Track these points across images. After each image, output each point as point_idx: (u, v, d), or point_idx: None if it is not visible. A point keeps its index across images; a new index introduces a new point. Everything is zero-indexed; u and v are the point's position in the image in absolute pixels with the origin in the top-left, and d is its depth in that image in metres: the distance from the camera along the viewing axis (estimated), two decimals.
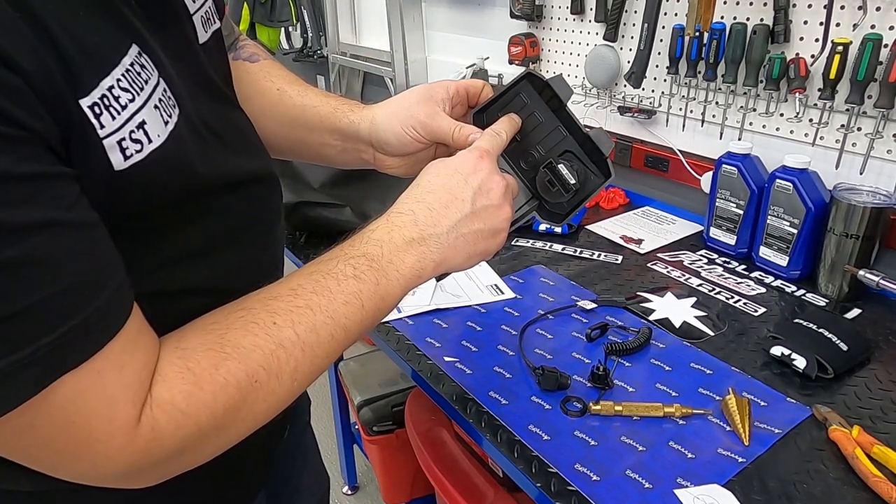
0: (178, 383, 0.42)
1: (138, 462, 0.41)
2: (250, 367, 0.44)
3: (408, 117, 0.66)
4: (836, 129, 1.09)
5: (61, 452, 0.39)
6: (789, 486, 0.68)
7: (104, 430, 0.39)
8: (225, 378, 0.43)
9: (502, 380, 0.86)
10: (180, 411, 0.42)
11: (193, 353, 0.44)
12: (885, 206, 1.00)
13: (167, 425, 0.41)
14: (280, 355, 0.45)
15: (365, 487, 1.88)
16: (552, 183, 0.64)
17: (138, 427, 0.40)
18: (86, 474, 0.42)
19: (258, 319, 0.46)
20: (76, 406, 0.38)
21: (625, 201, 1.47)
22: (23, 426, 0.37)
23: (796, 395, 0.82)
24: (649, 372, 0.87)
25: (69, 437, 0.39)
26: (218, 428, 0.44)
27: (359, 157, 0.72)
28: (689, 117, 1.33)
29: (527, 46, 1.61)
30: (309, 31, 2.64)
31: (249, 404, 0.45)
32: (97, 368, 0.38)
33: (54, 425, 0.38)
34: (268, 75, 0.75)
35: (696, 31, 1.20)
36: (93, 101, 0.37)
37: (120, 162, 0.40)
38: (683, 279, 1.12)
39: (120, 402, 0.39)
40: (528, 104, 0.66)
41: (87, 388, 0.38)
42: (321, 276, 0.49)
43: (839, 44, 1.01)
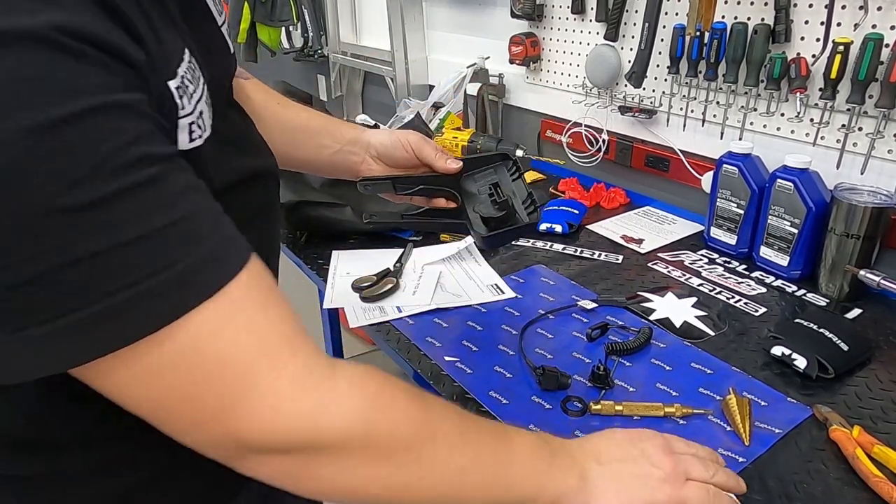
0: (372, 377, 0.44)
1: (301, 425, 0.40)
2: (435, 425, 0.46)
3: (402, 136, 0.82)
4: (837, 128, 1.09)
5: (208, 397, 0.38)
6: (789, 486, 0.68)
7: (263, 369, 0.39)
8: (418, 407, 0.46)
9: (503, 379, 0.86)
10: (363, 399, 0.43)
11: (393, 378, 0.46)
12: (885, 206, 1.00)
13: (344, 399, 0.42)
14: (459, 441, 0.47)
15: None
16: (494, 202, 0.82)
17: (308, 378, 0.40)
18: (230, 433, 0.40)
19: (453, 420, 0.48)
20: (224, 340, 0.38)
21: (625, 201, 1.47)
22: (167, 364, 0.37)
23: (797, 395, 0.82)
24: (650, 372, 0.87)
25: (220, 377, 0.38)
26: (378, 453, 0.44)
27: (348, 160, 0.83)
28: (690, 117, 1.33)
29: (527, 46, 1.60)
30: (310, 30, 2.64)
31: (415, 457, 0.45)
32: (238, 304, 0.39)
33: (203, 362, 0.38)
34: (263, 91, 0.82)
35: (696, 31, 1.20)
36: (177, 84, 0.41)
37: (185, 142, 0.43)
38: (684, 279, 1.12)
39: (274, 340, 0.40)
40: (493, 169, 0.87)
41: (232, 320, 0.38)
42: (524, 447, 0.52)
43: (840, 43, 1.01)
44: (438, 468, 0.46)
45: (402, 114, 1.94)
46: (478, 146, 1.52)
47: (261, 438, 0.40)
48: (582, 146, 1.57)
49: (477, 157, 0.87)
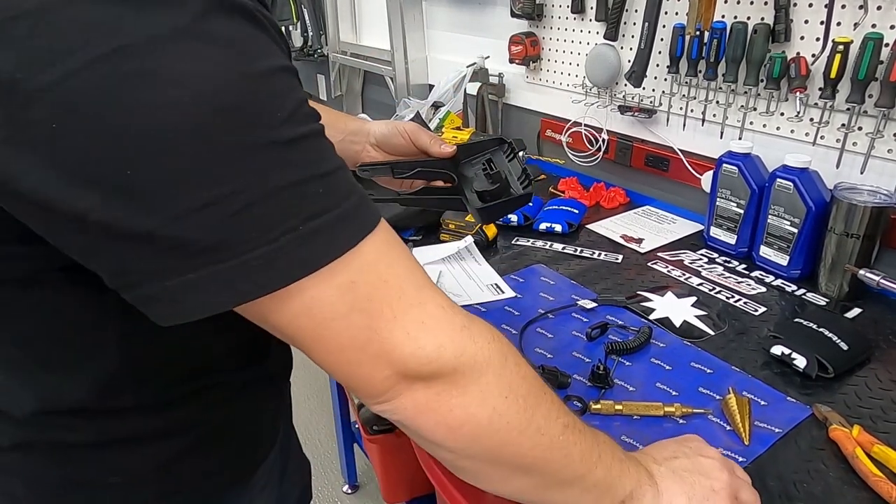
0: (494, 343, 0.47)
1: (446, 341, 0.44)
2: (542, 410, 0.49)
3: (399, 124, 0.86)
4: (837, 128, 1.09)
5: (375, 316, 0.42)
6: (789, 486, 0.68)
7: (416, 294, 0.44)
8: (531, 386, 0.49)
9: None
10: (492, 347, 0.47)
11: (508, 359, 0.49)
12: (885, 205, 1.00)
13: (481, 332, 0.46)
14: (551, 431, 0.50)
15: (365, 486, 1.89)
16: (488, 175, 0.84)
17: (452, 313, 0.45)
18: (386, 353, 0.43)
19: (552, 408, 0.51)
20: (384, 265, 0.43)
21: (625, 200, 1.47)
22: (347, 284, 0.41)
23: (796, 394, 0.82)
24: (649, 371, 0.87)
25: (385, 297, 0.42)
26: (504, 410, 0.47)
27: (350, 149, 0.88)
28: (690, 116, 1.33)
29: (527, 45, 1.60)
30: (309, 29, 2.64)
31: (516, 426, 0.48)
32: (389, 239, 0.44)
33: (371, 283, 0.42)
34: None
35: (696, 31, 1.20)
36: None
37: None
38: (684, 278, 1.12)
39: (420, 277, 0.45)
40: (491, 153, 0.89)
41: (385, 256, 0.43)
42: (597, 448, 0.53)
43: (840, 43, 1.01)
44: (548, 427, 0.49)
45: (402, 113, 1.94)
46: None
47: (414, 360, 0.43)
48: (582, 146, 1.57)
49: (474, 143, 0.89)
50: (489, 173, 0.84)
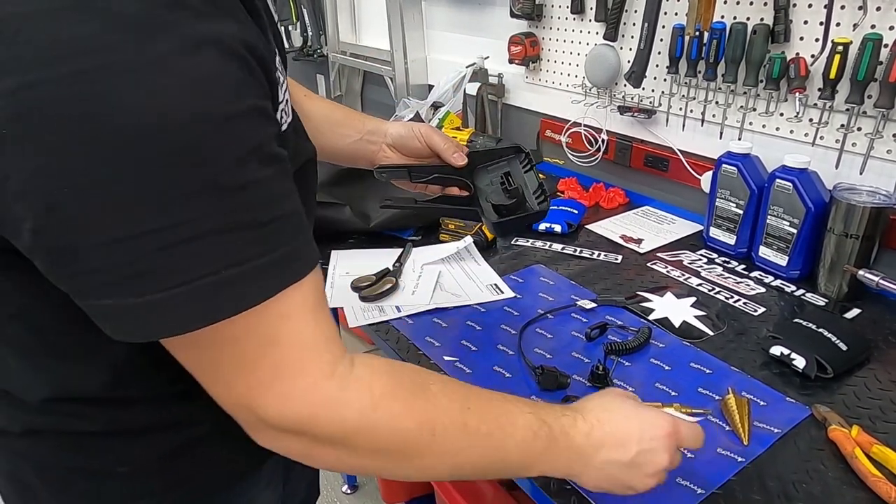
0: (380, 378, 0.48)
1: (310, 417, 0.45)
2: (436, 420, 0.50)
3: (416, 126, 0.87)
4: (836, 128, 1.09)
5: (252, 376, 0.43)
6: (788, 486, 0.68)
7: (295, 366, 0.44)
8: (417, 408, 0.49)
9: (502, 379, 0.86)
10: (371, 400, 0.46)
11: (399, 370, 0.50)
12: (884, 205, 1.00)
13: (354, 401, 0.46)
14: (460, 432, 0.51)
15: (364, 486, 1.89)
16: (505, 190, 0.84)
17: (330, 381, 0.45)
18: (259, 409, 0.44)
19: (457, 393, 0.52)
20: (278, 331, 0.43)
21: (624, 201, 1.47)
22: (231, 340, 0.42)
23: (796, 394, 0.82)
24: (649, 371, 0.87)
25: (264, 363, 0.43)
26: (383, 446, 0.48)
27: (367, 149, 0.88)
28: (689, 117, 1.33)
29: (527, 46, 1.60)
30: (309, 29, 2.64)
31: (413, 450, 0.49)
32: (300, 301, 0.44)
33: (257, 346, 0.43)
34: (292, 84, 0.88)
35: (696, 31, 1.20)
36: (277, 74, 0.46)
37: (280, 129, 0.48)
38: (683, 279, 1.12)
39: (313, 344, 0.45)
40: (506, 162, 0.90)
41: (290, 316, 0.43)
42: (513, 409, 0.55)
43: (839, 43, 1.01)
44: (436, 458, 0.50)
45: (402, 113, 1.94)
46: (477, 146, 1.52)
47: (275, 418, 0.45)
48: (581, 146, 1.57)
49: (490, 150, 0.90)
50: (507, 188, 0.84)
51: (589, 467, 0.58)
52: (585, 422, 0.58)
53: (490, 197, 0.85)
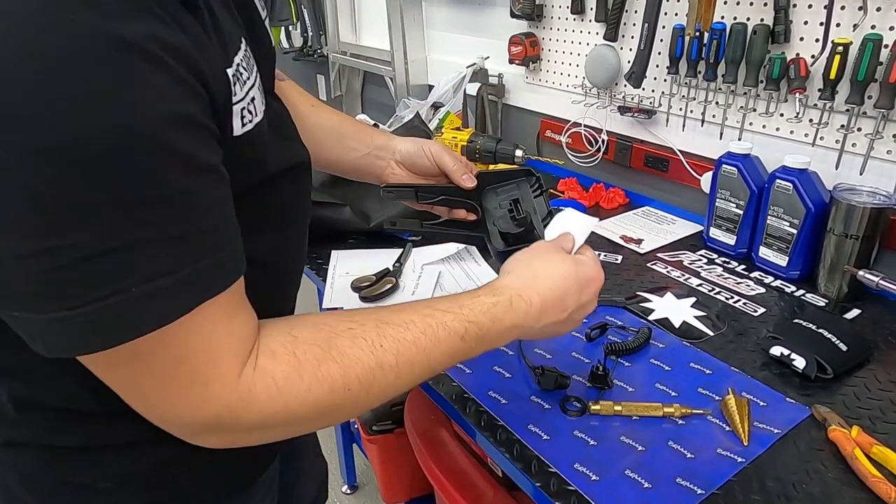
0: (282, 363, 0.47)
1: (224, 417, 0.45)
2: (348, 376, 0.49)
3: (426, 145, 0.85)
4: (836, 129, 1.09)
5: (166, 389, 0.43)
6: (788, 487, 0.68)
7: (206, 374, 0.43)
8: (323, 375, 0.48)
9: (502, 379, 0.86)
10: (277, 387, 0.46)
11: (302, 343, 0.48)
12: (884, 206, 1.00)
13: (261, 394, 0.45)
14: (377, 374, 0.50)
15: (364, 487, 1.89)
16: (513, 218, 0.82)
17: (237, 383, 0.45)
18: (177, 417, 0.45)
19: (367, 336, 0.51)
20: (190, 345, 0.42)
21: (625, 201, 1.47)
22: (143, 355, 0.41)
23: (795, 395, 0.82)
24: (649, 372, 0.87)
25: (177, 375, 0.43)
26: (300, 419, 0.48)
27: (374, 164, 0.86)
28: (689, 117, 1.33)
29: (527, 46, 1.61)
30: (309, 29, 2.64)
31: (334, 408, 0.49)
32: (212, 315, 0.43)
33: (169, 359, 0.42)
34: (298, 92, 0.85)
35: (696, 31, 1.20)
36: (233, 72, 0.44)
37: (238, 128, 0.46)
38: (683, 279, 1.12)
39: (224, 350, 0.44)
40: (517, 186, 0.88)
41: (201, 330, 0.42)
42: (434, 324, 0.55)
43: (839, 44, 1.01)
44: (363, 403, 0.51)
45: (402, 113, 1.94)
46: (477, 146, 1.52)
47: (194, 424, 0.46)
48: (581, 146, 1.57)
49: (500, 172, 0.89)
50: (515, 216, 0.82)
51: (530, 334, 0.63)
52: (523, 300, 0.61)
53: (497, 222, 0.84)
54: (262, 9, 0.59)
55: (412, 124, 1.63)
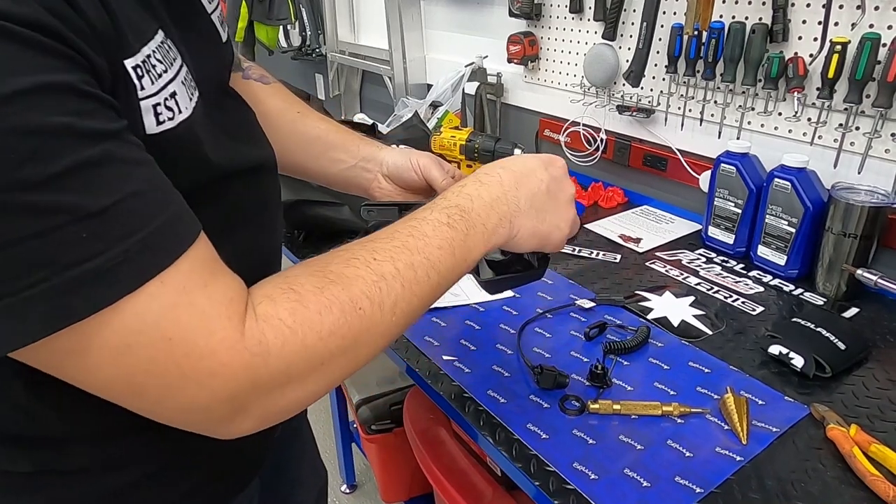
0: (283, 301, 0.44)
1: (245, 384, 0.41)
2: (353, 294, 0.46)
3: (415, 157, 0.79)
4: (835, 128, 1.09)
5: (165, 374, 0.39)
6: (787, 485, 0.68)
7: (204, 344, 0.40)
8: (329, 299, 0.45)
9: (501, 378, 0.86)
10: (287, 326, 0.43)
11: (296, 277, 0.46)
12: (883, 205, 1.00)
13: (274, 340, 0.42)
14: (382, 286, 0.47)
15: (363, 486, 1.89)
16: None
17: (243, 340, 0.41)
18: (194, 403, 0.41)
19: (359, 255, 0.48)
20: (168, 321, 0.39)
21: (623, 200, 1.47)
22: (121, 347, 0.38)
23: (794, 393, 0.82)
24: (647, 371, 0.87)
25: (170, 356, 0.39)
26: (324, 352, 0.44)
27: (361, 177, 0.82)
28: (688, 116, 1.33)
29: (525, 45, 1.60)
30: (307, 29, 2.64)
31: (354, 331, 0.46)
32: (181, 284, 0.39)
33: (152, 343, 0.38)
34: (284, 98, 0.81)
35: (694, 30, 1.20)
36: (136, 63, 0.41)
37: (152, 125, 0.42)
38: (682, 278, 1.12)
39: (213, 316, 0.40)
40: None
41: (176, 303, 0.39)
42: (417, 223, 0.53)
43: (837, 43, 1.02)
44: (383, 320, 0.48)
45: (401, 113, 1.94)
46: (476, 145, 1.52)
47: (219, 403, 0.42)
48: (580, 145, 1.57)
49: None
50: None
51: (520, 210, 0.58)
52: (489, 175, 0.59)
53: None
54: (207, 1, 0.56)
55: (411, 123, 1.63)
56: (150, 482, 0.54)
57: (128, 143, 0.39)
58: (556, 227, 0.61)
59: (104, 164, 0.36)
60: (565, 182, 0.63)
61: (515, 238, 0.59)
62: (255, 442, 0.64)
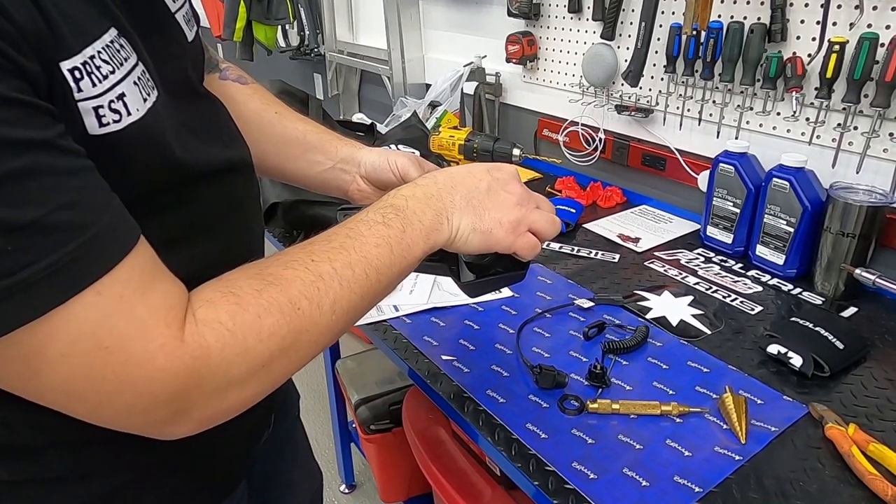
0: (223, 304, 0.44)
1: (185, 386, 0.41)
2: (292, 295, 0.46)
3: (393, 158, 0.77)
4: (833, 127, 1.10)
5: (103, 381, 0.39)
6: (785, 484, 0.68)
7: (142, 351, 0.40)
8: (268, 301, 0.45)
9: (500, 378, 0.86)
10: (227, 329, 0.43)
11: (235, 280, 0.46)
12: (881, 204, 1.00)
13: (215, 343, 0.42)
14: (320, 286, 0.47)
15: (362, 486, 1.89)
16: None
17: (183, 345, 0.41)
18: (133, 407, 0.41)
19: (297, 258, 0.48)
20: (105, 330, 0.38)
21: (622, 200, 1.47)
22: (57, 356, 0.38)
23: (793, 393, 0.82)
24: (646, 370, 0.87)
25: (107, 365, 0.39)
26: (265, 353, 0.45)
27: (339, 178, 0.80)
28: (687, 116, 1.33)
29: (524, 45, 1.60)
30: (306, 28, 2.64)
31: (294, 332, 0.46)
32: (118, 293, 0.39)
33: (88, 352, 0.38)
34: (262, 98, 0.80)
35: (693, 30, 1.20)
36: (73, 66, 0.39)
37: (94, 127, 0.41)
38: (680, 278, 1.12)
39: (151, 323, 0.40)
40: None
41: (112, 313, 0.39)
42: (354, 224, 0.53)
43: (836, 43, 1.02)
44: (322, 318, 0.48)
45: (399, 112, 1.94)
46: (474, 145, 1.52)
47: (158, 406, 0.42)
48: (579, 145, 1.57)
49: None
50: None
51: (455, 206, 0.58)
52: (426, 178, 0.60)
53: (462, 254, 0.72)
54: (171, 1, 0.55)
55: (409, 123, 1.63)
56: (130, 490, 0.54)
57: (59, 152, 0.38)
58: (497, 222, 0.60)
59: (32, 175, 0.35)
60: (511, 184, 0.62)
61: (458, 235, 0.59)
62: (237, 447, 0.64)
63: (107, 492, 0.53)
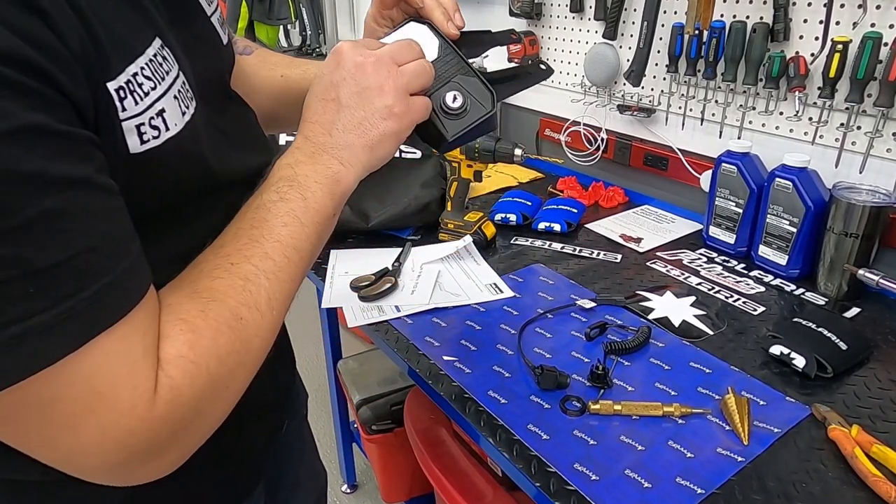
0: (178, 335, 0.43)
1: (160, 432, 0.41)
2: (231, 306, 0.45)
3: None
4: (836, 127, 1.09)
5: (81, 430, 0.38)
6: (788, 486, 0.68)
7: (128, 400, 0.39)
8: (216, 321, 0.44)
9: (501, 379, 0.85)
10: (191, 361, 0.42)
11: (178, 305, 0.44)
12: (884, 204, 1.00)
13: (182, 380, 0.41)
14: (250, 289, 0.47)
15: (364, 486, 1.89)
16: (442, 109, 0.64)
17: (156, 391, 0.40)
18: (106, 459, 0.40)
19: (217, 264, 0.47)
20: (104, 373, 0.38)
21: (624, 200, 1.47)
22: (48, 399, 0.36)
23: (795, 394, 0.82)
24: (648, 371, 0.87)
25: (92, 412, 0.38)
26: (226, 373, 0.44)
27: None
28: (689, 116, 1.33)
29: (526, 45, 1.60)
30: (308, 28, 2.64)
31: (244, 342, 0.46)
32: (124, 333, 0.38)
33: (79, 398, 0.37)
34: (266, 64, 0.79)
35: (695, 30, 1.20)
36: (119, 85, 0.39)
37: (136, 145, 0.41)
38: (683, 278, 1.12)
39: (141, 367, 0.39)
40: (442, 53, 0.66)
41: (115, 354, 0.38)
42: (252, 212, 0.50)
43: (839, 42, 1.01)
44: (259, 323, 0.47)
45: None
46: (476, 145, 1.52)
47: (131, 460, 0.41)
48: (581, 145, 1.57)
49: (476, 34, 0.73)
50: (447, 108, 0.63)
51: (337, 145, 0.54)
52: (299, 136, 0.55)
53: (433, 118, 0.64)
54: (207, 4, 0.54)
55: None
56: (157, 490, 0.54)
57: (94, 189, 0.37)
58: (382, 120, 0.55)
59: (65, 216, 0.35)
60: (357, 69, 0.54)
61: (362, 164, 0.55)
62: (257, 447, 0.64)
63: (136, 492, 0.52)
